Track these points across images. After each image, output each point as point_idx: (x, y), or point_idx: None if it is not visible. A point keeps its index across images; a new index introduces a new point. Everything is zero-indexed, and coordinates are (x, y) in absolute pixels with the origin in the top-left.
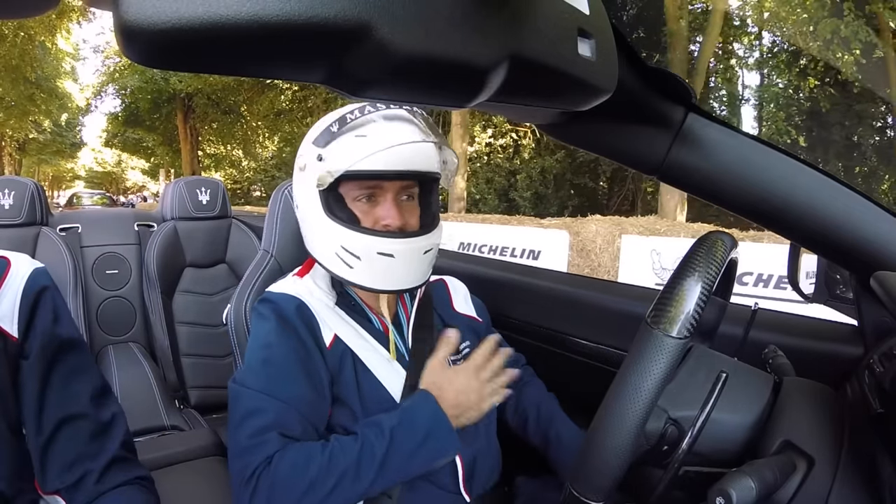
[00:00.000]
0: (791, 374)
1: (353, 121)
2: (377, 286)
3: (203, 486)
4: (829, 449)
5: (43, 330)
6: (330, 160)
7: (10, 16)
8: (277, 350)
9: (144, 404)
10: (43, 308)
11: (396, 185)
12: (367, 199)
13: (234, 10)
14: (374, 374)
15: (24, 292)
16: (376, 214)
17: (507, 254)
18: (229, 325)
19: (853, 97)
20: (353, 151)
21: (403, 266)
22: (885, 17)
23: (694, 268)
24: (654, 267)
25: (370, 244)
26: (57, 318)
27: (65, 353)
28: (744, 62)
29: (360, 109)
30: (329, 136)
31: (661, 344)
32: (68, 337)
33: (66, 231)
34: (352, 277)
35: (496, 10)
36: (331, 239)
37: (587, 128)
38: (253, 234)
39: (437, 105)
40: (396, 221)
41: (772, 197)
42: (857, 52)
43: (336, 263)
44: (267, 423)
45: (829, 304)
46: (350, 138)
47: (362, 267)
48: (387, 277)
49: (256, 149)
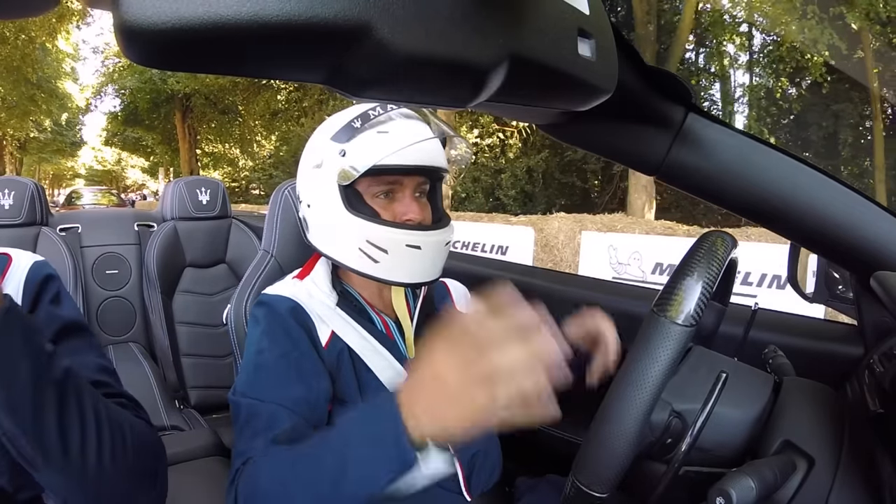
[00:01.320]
0: (791, 374)
1: (376, 117)
2: (404, 279)
3: (203, 486)
4: (829, 449)
5: (45, 312)
6: (354, 155)
7: (10, 16)
8: (269, 354)
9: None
10: (45, 294)
11: (414, 181)
12: (385, 195)
13: (235, 10)
14: (376, 373)
15: (26, 282)
16: (395, 210)
17: (479, 249)
18: (229, 325)
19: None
20: (378, 147)
21: (430, 258)
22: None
23: (698, 260)
24: (610, 261)
25: (398, 237)
26: (58, 301)
27: (68, 335)
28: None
29: (381, 106)
30: (351, 131)
31: (668, 331)
32: (70, 319)
33: (66, 231)
34: (377, 272)
35: (496, 10)
36: (354, 234)
37: (587, 128)
38: (253, 234)
39: (437, 105)
40: (418, 216)
41: (772, 197)
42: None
43: (359, 259)
44: (260, 427)
45: (829, 304)
46: (373, 134)
47: (389, 260)
48: (414, 270)
49: (254, 148)
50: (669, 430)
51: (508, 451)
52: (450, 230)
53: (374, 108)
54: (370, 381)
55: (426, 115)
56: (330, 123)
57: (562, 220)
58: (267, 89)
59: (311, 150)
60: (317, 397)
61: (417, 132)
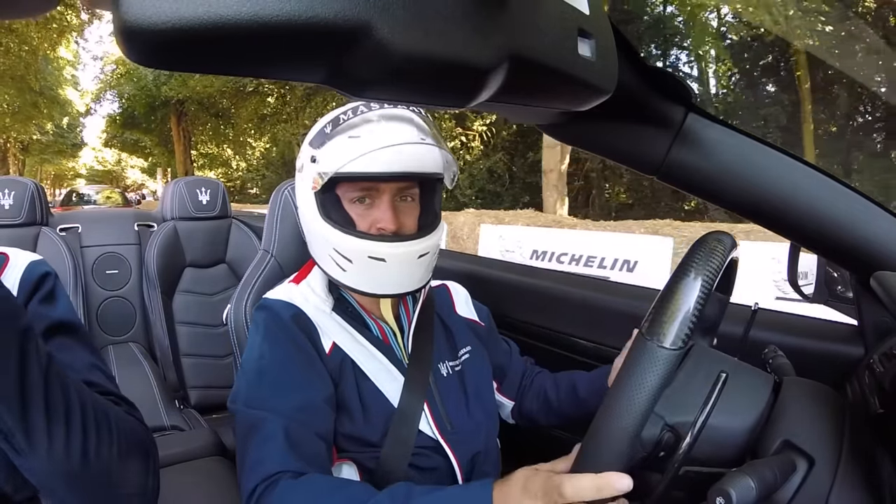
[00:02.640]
0: (791, 374)
1: (347, 121)
2: (370, 290)
3: (203, 486)
4: (829, 449)
5: (34, 308)
6: (322, 161)
7: (10, 16)
8: (272, 360)
9: (144, 404)
10: (40, 292)
11: (393, 187)
12: (360, 200)
13: (235, 10)
14: (373, 380)
15: (22, 280)
16: (372, 216)
17: None
18: (229, 325)
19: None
20: (344, 153)
21: (396, 270)
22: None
23: (689, 270)
24: (499, 248)
25: (361, 248)
26: (52, 299)
27: (57, 332)
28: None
29: (353, 110)
30: (323, 137)
31: (656, 356)
32: (61, 318)
33: (66, 231)
34: (345, 280)
35: (496, 10)
36: (325, 241)
37: (587, 128)
38: (253, 234)
39: (436, 105)
40: (391, 225)
41: (772, 197)
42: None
43: (331, 265)
44: (266, 438)
45: (829, 304)
46: (343, 139)
47: (354, 270)
48: (379, 281)
49: (246, 149)
50: (662, 444)
51: (508, 451)
52: (430, 239)
53: (346, 112)
54: (369, 388)
55: (411, 119)
56: (313, 128)
57: (466, 215)
58: (255, 94)
59: (299, 155)
60: (321, 404)
61: (394, 136)
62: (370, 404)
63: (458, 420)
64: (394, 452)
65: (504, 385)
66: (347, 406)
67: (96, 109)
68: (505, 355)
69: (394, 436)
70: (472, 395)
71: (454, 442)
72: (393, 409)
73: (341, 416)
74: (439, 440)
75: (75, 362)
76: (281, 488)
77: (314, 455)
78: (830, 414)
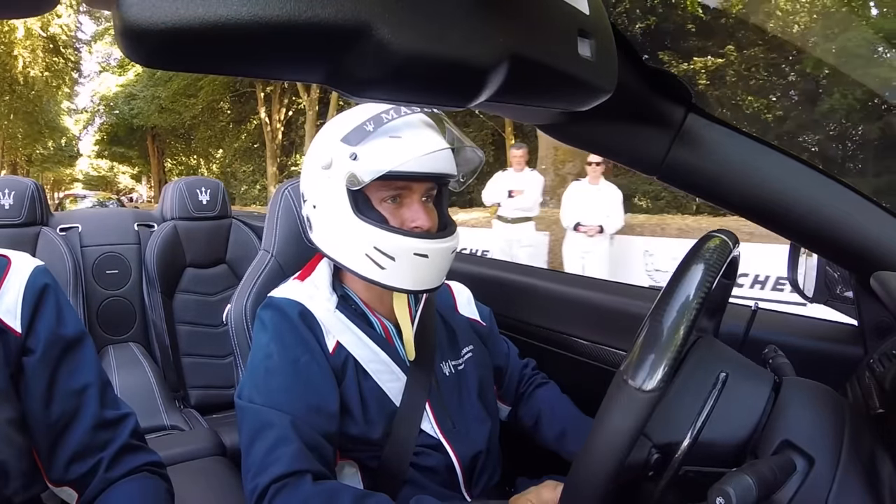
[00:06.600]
0: (791, 374)
1: (389, 121)
2: (409, 286)
3: (203, 486)
4: (829, 449)
5: (47, 331)
6: (367, 159)
7: (9, 16)
8: (280, 360)
9: (144, 404)
10: (46, 307)
11: (423, 187)
12: (392, 199)
13: (235, 10)
14: (375, 379)
15: (26, 289)
16: (403, 216)
17: None
18: (229, 325)
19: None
20: (392, 153)
21: (436, 266)
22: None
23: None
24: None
25: (407, 245)
26: (60, 317)
27: (72, 350)
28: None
29: (394, 110)
30: (363, 134)
31: (634, 399)
32: (73, 335)
33: (66, 231)
34: (383, 279)
35: (496, 10)
36: (361, 240)
37: (587, 128)
38: (253, 234)
39: (437, 105)
40: (426, 223)
41: (772, 197)
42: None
43: (365, 264)
44: (277, 438)
45: (829, 304)
46: (386, 139)
47: (396, 268)
48: (420, 277)
49: (211, 162)
50: (649, 465)
51: (509, 451)
52: (456, 237)
53: (388, 112)
54: (371, 387)
55: (440, 121)
56: (338, 124)
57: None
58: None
59: (319, 150)
60: (328, 404)
61: (429, 138)
62: (372, 403)
63: (460, 419)
64: (395, 451)
65: (500, 389)
66: (349, 405)
67: (88, 130)
68: (503, 358)
69: (395, 435)
70: (473, 394)
71: (455, 441)
72: (395, 408)
73: (343, 415)
74: (441, 439)
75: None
76: (300, 491)
77: (322, 457)
78: (830, 414)
